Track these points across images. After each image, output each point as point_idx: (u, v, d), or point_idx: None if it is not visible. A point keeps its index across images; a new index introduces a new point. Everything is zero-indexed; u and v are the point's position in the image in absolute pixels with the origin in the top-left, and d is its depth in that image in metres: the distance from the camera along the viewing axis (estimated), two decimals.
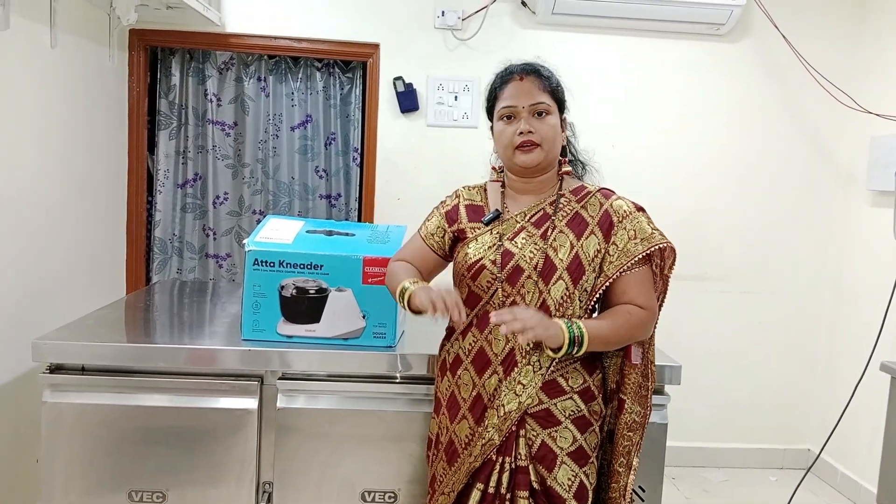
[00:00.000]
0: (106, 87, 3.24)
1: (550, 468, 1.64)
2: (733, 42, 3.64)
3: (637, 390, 1.73)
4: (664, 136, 3.66)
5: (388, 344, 1.95)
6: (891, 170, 3.25)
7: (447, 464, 1.73)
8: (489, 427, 1.66)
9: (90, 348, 1.89)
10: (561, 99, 1.74)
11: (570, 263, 1.64)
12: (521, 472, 1.65)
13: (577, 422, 1.66)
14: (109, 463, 1.90)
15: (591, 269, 1.65)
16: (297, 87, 3.70)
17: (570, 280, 1.64)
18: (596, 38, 3.57)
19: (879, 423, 2.75)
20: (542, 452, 1.65)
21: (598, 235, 1.67)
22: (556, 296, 1.64)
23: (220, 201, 3.71)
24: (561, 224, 1.69)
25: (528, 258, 1.66)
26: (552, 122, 1.69)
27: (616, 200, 1.71)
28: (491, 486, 1.66)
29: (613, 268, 1.65)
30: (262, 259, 1.91)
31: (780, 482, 3.65)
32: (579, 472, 1.66)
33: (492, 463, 1.66)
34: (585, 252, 1.65)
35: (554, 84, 1.73)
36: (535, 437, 1.65)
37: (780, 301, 3.78)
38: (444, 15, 3.48)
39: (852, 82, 3.56)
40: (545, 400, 1.65)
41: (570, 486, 1.64)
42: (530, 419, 1.65)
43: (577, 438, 1.66)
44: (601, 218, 1.69)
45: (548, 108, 1.69)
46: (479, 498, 1.67)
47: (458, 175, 3.55)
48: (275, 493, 1.93)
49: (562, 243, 1.66)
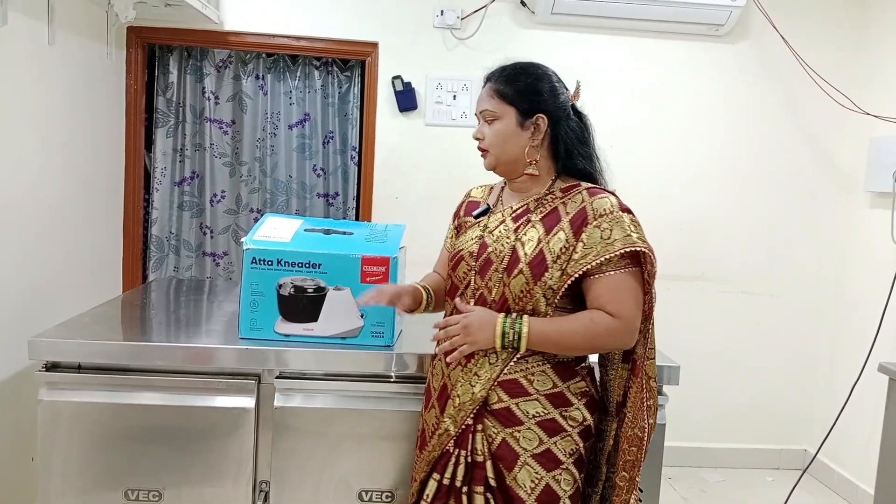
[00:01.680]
0: (103, 84, 3.23)
1: (510, 467, 1.63)
2: (732, 43, 3.64)
3: (640, 405, 1.68)
4: (663, 136, 3.66)
5: (386, 343, 1.95)
6: (890, 171, 3.25)
7: (419, 450, 1.78)
8: (446, 417, 1.68)
9: (86, 346, 1.89)
10: (520, 100, 1.68)
11: (533, 259, 1.62)
12: (477, 467, 1.65)
13: (543, 425, 1.63)
14: (106, 461, 1.89)
15: (555, 267, 1.60)
16: (295, 85, 3.70)
17: (531, 275, 1.61)
18: (595, 38, 3.57)
19: (877, 425, 2.75)
20: (503, 451, 1.63)
21: (567, 232, 1.62)
22: (515, 290, 1.63)
23: (217, 199, 3.70)
24: (535, 219, 1.67)
25: (498, 251, 1.67)
26: (496, 128, 1.69)
27: (599, 199, 1.63)
28: (446, 477, 1.67)
29: (576, 266, 1.59)
30: (260, 257, 1.90)
31: (776, 483, 3.65)
32: (546, 476, 1.62)
33: (449, 454, 1.67)
34: (551, 248, 1.61)
35: (511, 87, 1.68)
36: (496, 434, 1.64)
37: (778, 302, 3.78)
38: (443, 14, 3.48)
39: (851, 83, 3.56)
40: (505, 399, 1.64)
41: (533, 488, 1.61)
42: (490, 416, 1.65)
43: (543, 441, 1.62)
44: (575, 214, 1.63)
45: (493, 115, 1.69)
46: (435, 488, 1.68)
47: (456, 174, 3.57)
48: (272, 493, 1.93)
49: (530, 238, 1.64)
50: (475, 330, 1.62)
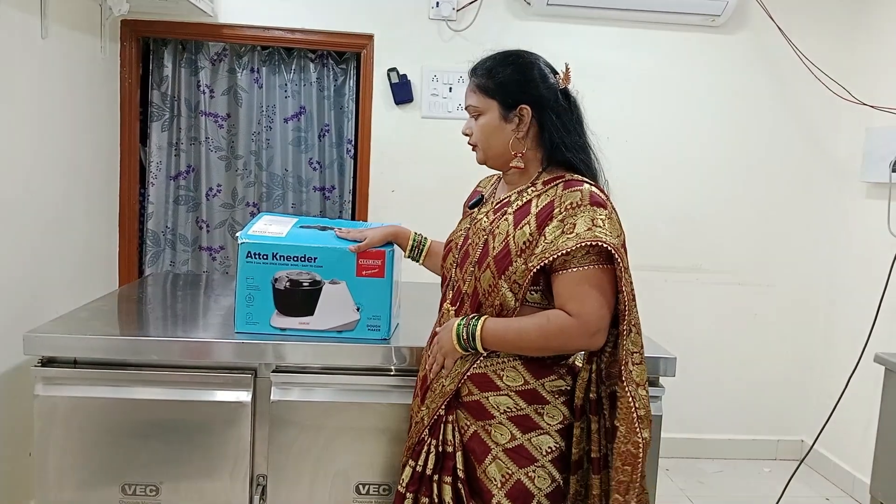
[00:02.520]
0: (98, 78, 3.22)
1: (481, 460, 1.62)
2: (729, 34, 3.63)
3: (629, 416, 1.54)
4: (659, 127, 3.65)
5: (382, 336, 1.94)
6: (886, 162, 3.25)
7: (408, 438, 1.80)
8: (423, 407, 1.72)
9: (83, 341, 1.89)
10: (499, 93, 1.64)
11: (499, 252, 1.60)
12: (447, 457, 1.66)
13: (515, 420, 1.60)
14: (103, 456, 1.89)
15: (520, 260, 1.56)
16: (290, 78, 3.68)
17: (496, 269, 1.59)
18: (591, 29, 3.56)
19: (873, 415, 2.76)
20: (474, 443, 1.63)
21: (532, 225, 1.57)
22: (484, 284, 1.62)
23: (213, 193, 3.69)
24: (510, 212, 1.65)
25: (475, 244, 1.67)
26: (481, 123, 1.68)
27: (571, 191, 1.55)
28: (419, 464, 1.68)
29: (536, 260, 1.54)
30: (256, 251, 1.89)
31: (773, 473, 3.66)
32: (517, 472, 1.59)
33: (423, 443, 1.69)
34: (516, 242, 1.58)
35: (490, 80, 1.65)
36: (468, 426, 1.65)
37: (774, 293, 3.79)
38: (438, 6, 3.46)
39: (848, 74, 3.55)
40: (476, 392, 1.64)
41: (504, 482, 1.59)
42: (462, 408, 1.66)
43: (516, 437, 1.60)
44: (543, 208, 1.58)
45: (477, 110, 1.69)
46: (409, 474, 1.70)
47: (452, 167, 3.55)
48: (269, 486, 1.93)
49: (501, 231, 1.63)
50: (442, 339, 1.67)
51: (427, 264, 2.01)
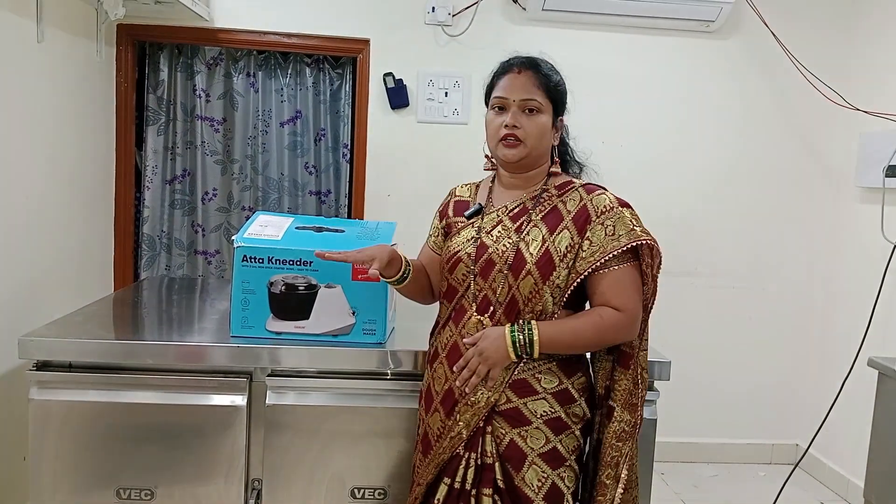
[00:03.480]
0: (93, 82, 3.22)
1: (518, 468, 1.62)
2: (723, 39, 3.65)
3: (627, 398, 1.67)
4: (653, 132, 3.67)
5: (377, 340, 1.94)
6: (880, 166, 3.26)
7: (423, 455, 1.75)
8: (459, 421, 1.66)
9: (77, 345, 1.88)
10: (557, 99, 1.70)
11: (540, 258, 1.61)
12: (486, 469, 1.64)
13: (550, 423, 1.63)
14: (98, 460, 1.89)
15: (562, 266, 1.61)
16: (286, 82, 3.69)
17: (539, 275, 1.61)
18: (586, 34, 3.57)
19: (867, 419, 2.77)
20: (511, 451, 1.63)
21: (572, 230, 1.62)
22: (525, 291, 1.62)
23: (208, 197, 3.69)
24: (536, 218, 1.67)
25: (501, 252, 1.66)
26: (540, 121, 1.67)
27: (599, 196, 1.66)
28: (457, 481, 1.66)
29: (585, 264, 1.60)
30: (251, 255, 1.89)
31: (768, 477, 3.67)
32: (552, 475, 1.62)
33: (459, 458, 1.67)
34: (557, 247, 1.62)
35: (553, 83, 1.69)
36: (504, 435, 1.64)
37: (769, 297, 3.80)
38: (434, 11, 3.48)
39: (842, 79, 3.57)
40: (514, 399, 1.63)
41: (540, 487, 1.62)
42: (499, 417, 1.64)
43: (550, 440, 1.63)
44: (577, 213, 1.64)
45: (538, 107, 1.67)
46: (445, 492, 1.68)
47: (448, 171, 3.56)
48: (264, 490, 1.93)
49: (534, 238, 1.64)
50: (489, 352, 1.61)
51: (404, 291, 1.84)
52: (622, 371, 1.68)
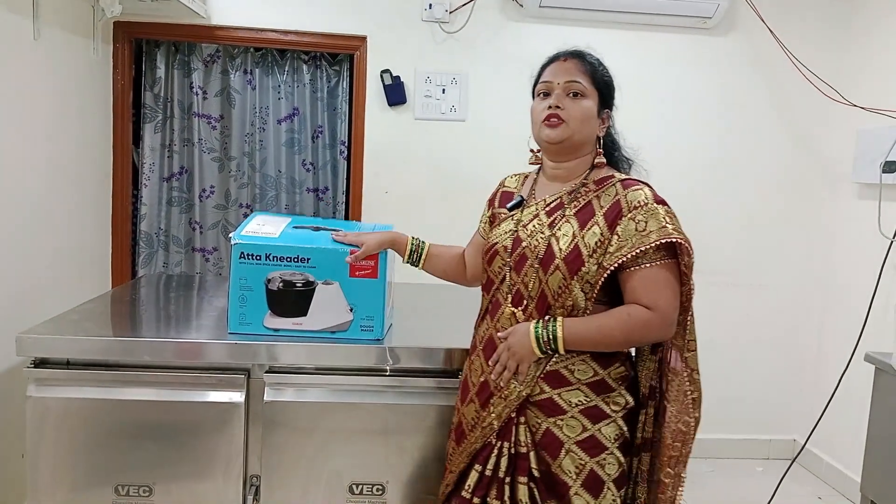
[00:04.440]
0: (90, 79, 3.21)
1: (555, 456, 1.64)
2: (720, 36, 3.65)
3: (682, 398, 1.67)
4: (651, 128, 3.67)
5: (375, 337, 1.95)
6: (877, 163, 3.27)
7: (456, 443, 1.78)
8: (492, 412, 1.68)
9: (75, 342, 1.88)
10: (602, 88, 1.73)
11: (569, 254, 1.61)
12: (521, 458, 1.66)
13: (586, 412, 1.64)
14: (96, 457, 1.89)
15: (591, 261, 1.60)
16: (283, 79, 3.68)
17: (567, 270, 1.61)
18: (583, 31, 3.56)
19: (864, 414, 2.78)
20: (547, 440, 1.65)
21: (602, 225, 1.62)
22: (553, 286, 1.63)
23: (206, 195, 3.69)
24: (569, 213, 1.67)
25: (533, 246, 1.66)
26: (584, 105, 1.69)
27: (635, 191, 1.64)
28: (489, 468, 1.68)
29: (612, 258, 1.59)
30: (249, 252, 1.90)
31: (766, 472, 3.68)
32: (590, 462, 1.63)
33: (491, 446, 1.69)
34: (586, 243, 1.61)
35: (599, 72, 1.73)
36: (539, 424, 1.65)
37: (766, 293, 3.81)
38: (431, 7, 3.47)
39: (838, 76, 3.58)
40: (548, 390, 1.65)
41: (578, 473, 1.63)
42: (533, 407, 1.66)
43: (587, 428, 1.63)
44: (610, 207, 1.63)
45: (582, 90, 1.69)
46: (476, 478, 1.70)
47: (446, 168, 3.58)
48: (262, 487, 1.93)
49: (565, 232, 1.64)
50: (516, 347, 1.64)
51: (427, 268, 2.00)
52: (672, 371, 1.68)
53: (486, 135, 3.55)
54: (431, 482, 1.93)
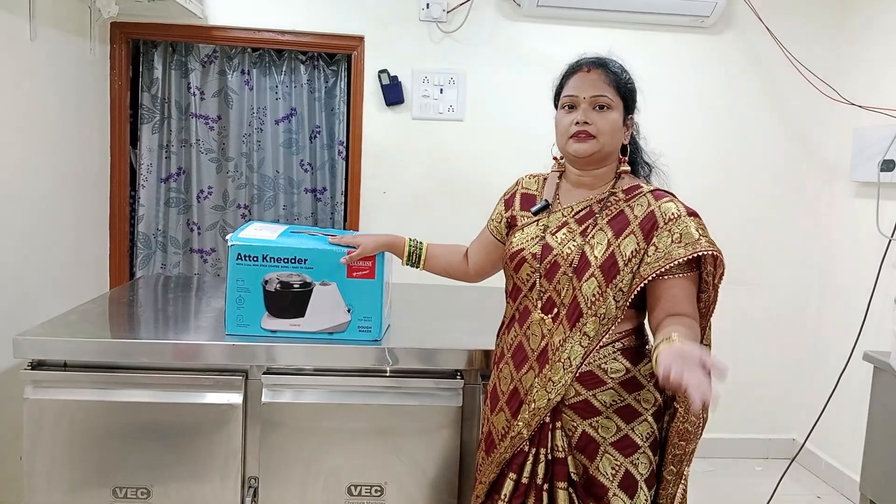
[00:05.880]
0: (87, 80, 3.21)
1: (592, 457, 1.63)
2: (718, 34, 3.65)
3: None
4: (648, 127, 3.64)
5: (373, 338, 1.94)
6: (874, 161, 3.27)
7: (486, 453, 1.76)
8: (519, 421, 1.67)
9: (73, 344, 1.88)
10: (627, 97, 1.74)
11: (605, 262, 1.61)
12: (558, 463, 1.65)
13: (620, 412, 1.64)
14: (93, 459, 1.88)
15: (627, 270, 1.60)
16: (281, 80, 3.68)
17: (603, 278, 1.61)
18: (581, 30, 3.57)
19: (863, 413, 2.78)
20: (584, 442, 1.64)
21: (638, 235, 1.62)
22: (588, 293, 1.62)
23: (204, 196, 3.69)
24: (602, 222, 1.67)
25: (566, 254, 1.65)
26: (612, 118, 1.69)
27: (666, 203, 1.66)
28: (524, 476, 1.67)
29: (649, 269, 1.59)
30: (246, 253, 1.89)
31: (765, 472, 3.68)
32: (624, 462, 1.63)
33: (523, 454, 1.67)
34: (622, 251, 1.61)
35: (623, 81, 1.73)
36: (575, 427, 1.64)
37: (765, 292, 3.81)
38: (428, 7, 3.47)
39: (836, 74, 3.58)
40: (582, 392, 1.63)
41: (615, 475, 1.63)
42: (568, 410, 1.64)
43: (621, 428, 1.63)
44: (645, 218, 1.64)
45: (609, 103, 1.69)
46: (511, 487, 1.68)
47: (444, 167, 3.57)
48: (260, 488, 1.93)
49: (599, 241, 1.64)
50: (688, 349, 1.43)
51: (428, 268, 1.98)
52: None
53: (484, 134, 3.55)
54: (430, 483, 1.93)
